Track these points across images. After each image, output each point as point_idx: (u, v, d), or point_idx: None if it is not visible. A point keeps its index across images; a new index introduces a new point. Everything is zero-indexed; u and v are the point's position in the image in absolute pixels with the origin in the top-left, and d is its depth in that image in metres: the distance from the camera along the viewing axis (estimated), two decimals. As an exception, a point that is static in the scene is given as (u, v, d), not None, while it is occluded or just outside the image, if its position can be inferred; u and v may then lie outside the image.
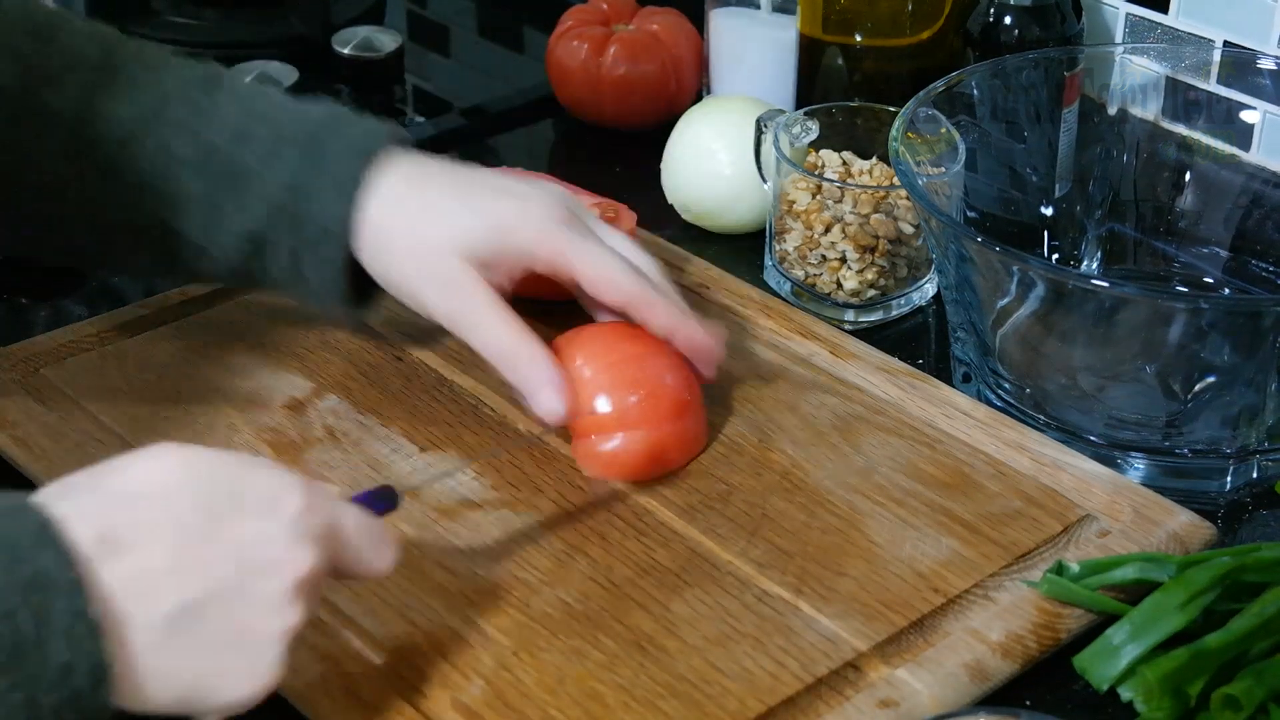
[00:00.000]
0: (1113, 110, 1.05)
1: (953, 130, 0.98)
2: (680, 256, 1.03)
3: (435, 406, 0.91)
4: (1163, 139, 1.05)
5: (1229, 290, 1.03)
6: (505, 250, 0.83)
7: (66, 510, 0.61)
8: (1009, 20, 1.05)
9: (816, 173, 1.03)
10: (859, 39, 1.10)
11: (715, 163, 1.09)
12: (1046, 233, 1.06)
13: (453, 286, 0.83)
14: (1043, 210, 1.06)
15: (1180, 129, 1.05)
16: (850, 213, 0.99)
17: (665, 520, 0.83)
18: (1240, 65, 1.03)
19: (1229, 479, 0.88)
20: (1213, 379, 0.87)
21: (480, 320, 0.83)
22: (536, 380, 0.83)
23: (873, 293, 1.01)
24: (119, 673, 0.60)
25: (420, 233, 0.83)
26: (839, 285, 1.01)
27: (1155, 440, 0.89)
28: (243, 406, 0.90)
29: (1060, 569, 0.78)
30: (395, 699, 0.72)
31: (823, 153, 1.05)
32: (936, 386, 0.92)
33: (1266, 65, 1.01)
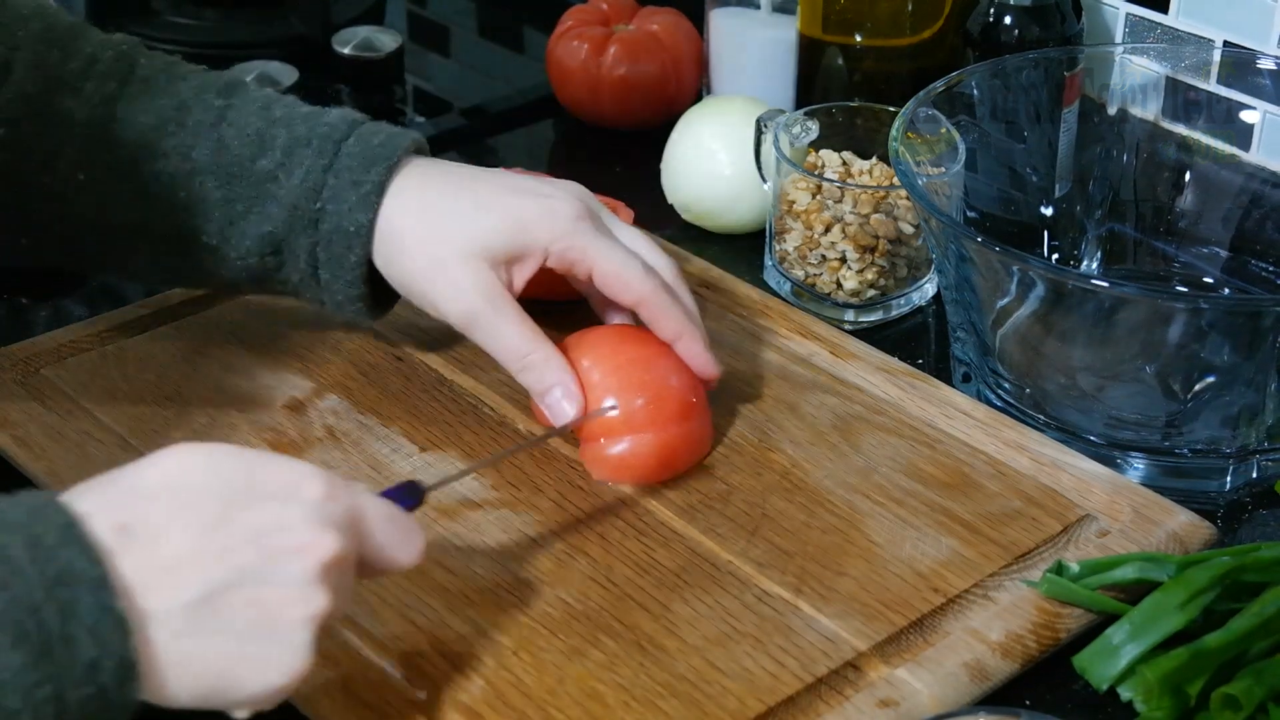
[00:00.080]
0: (1113, 110, 1.05)
1: (953, 130, 0.98)
2: (680, 256, 1.03)
3: (435, 406, 0.91)
4: (1163, 139, 1.05)
5: (1229, 290, 1.03)
6: (524, 247, 0.84)
7: (89, 506, 0.61)
8: (1009, 20, 1.05)
9: (816, 173, 1.03)
10: (859, 39, 1.10)
11: (715, 163, 1.09)
12: (1046, 233, 1.06)
13: (466, 288, 0.83)
14: (1043, 210, 1.06)
15: (1180, 129, 1.05)
16: (850, 213, 0.99)
17: (665, 520, 0.83)
18: (1240, 65, 1.03)
19: (1228, 479, 0.88)
20: (1212, 379, 0.87)
21: (493, 322, 0.83)
22: (548, 383, 0.84)
23: (873, 293, 1.01)
24: (143, 666, 0.60)
25: (436, 235, 0.83)
26: (839, 285, 1.01)
27: (1155, 440, 0.89)
28: (243, 406, 0.90)
29: (1060, 569, 0.78)
30: (395, 699, 0.72)
31: (823, 153, 1.05)
32: (936, 386, 0.93)
33: (1266, 65, 1.01)
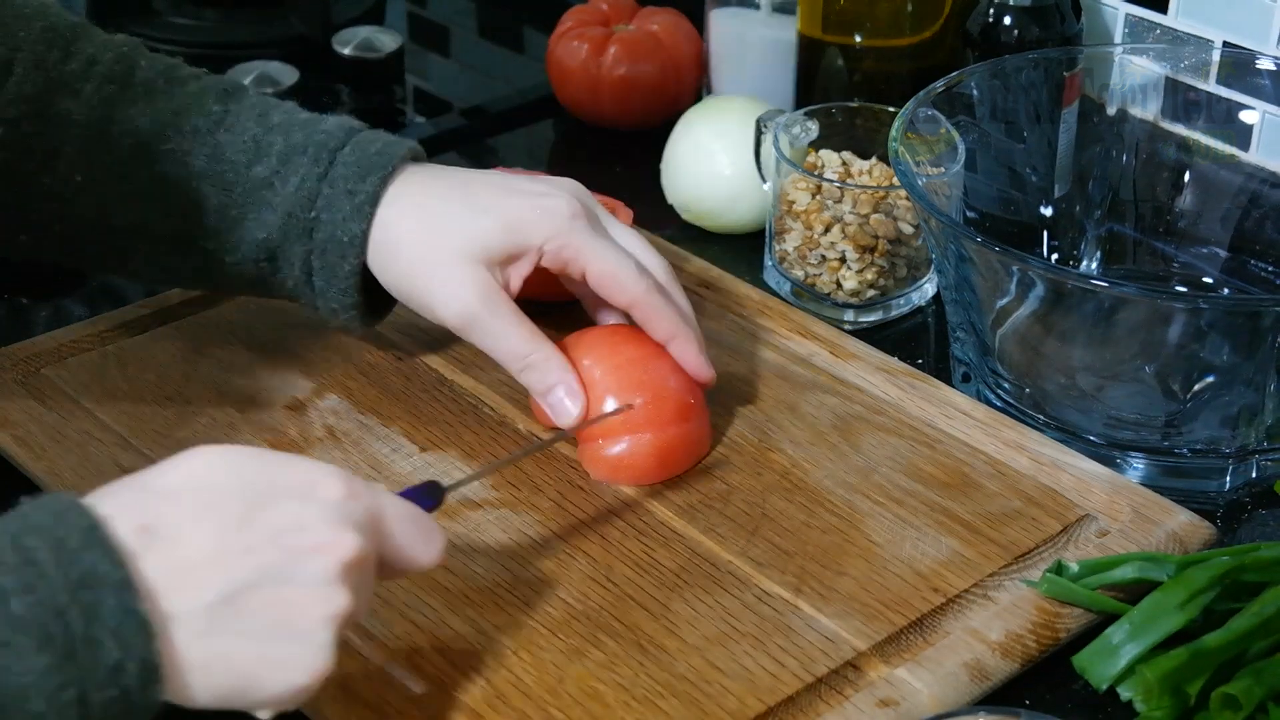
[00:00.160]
0: (1112, 110, 1.05)
1: (952, 130, 0.98)
2: (680, 256, 1.04)
3: (435, 406, 0.91)
4: (1162, 139, 1.05)
5: (1228, 290, 1.03)
6: (519, 247, 0.84)
7: (111, 509, 0.61)
8: (1009, 20, 1.05)
9: (816, 173, 1.03)
10: (859, 39, 1.10)
11: (715, 163, 1.09)
12: (1046, 233, 1.06)
13: (463, 291, 0.83)
14: (1042, 210, 1.06)
15: (1180, 129, 1.05)
16: (850, 213, 0.99)
17: (665, 520, 0.83)
18: (1239, 65, 1.03)
19: (1228, 479, 0.88)
20: (1212, 379, 0.87)
21: (491, 323, 0.83)
22: (551, 382, 0.84)
23: (872, 293, 1.01)
24: (166, 667, 0.60)
25: (431, 241, 0.83)
26: (839, 285, 1.01)
27: (1154, 440, 0.89)
28: (243, 406, 0.90)
29: (1060, 568, 0.78)
30: (395, 699, 0.72)
31: (822, 153, 1.05)
32: (936, 386, 0.93)
33: (1265, 65, 1.02)
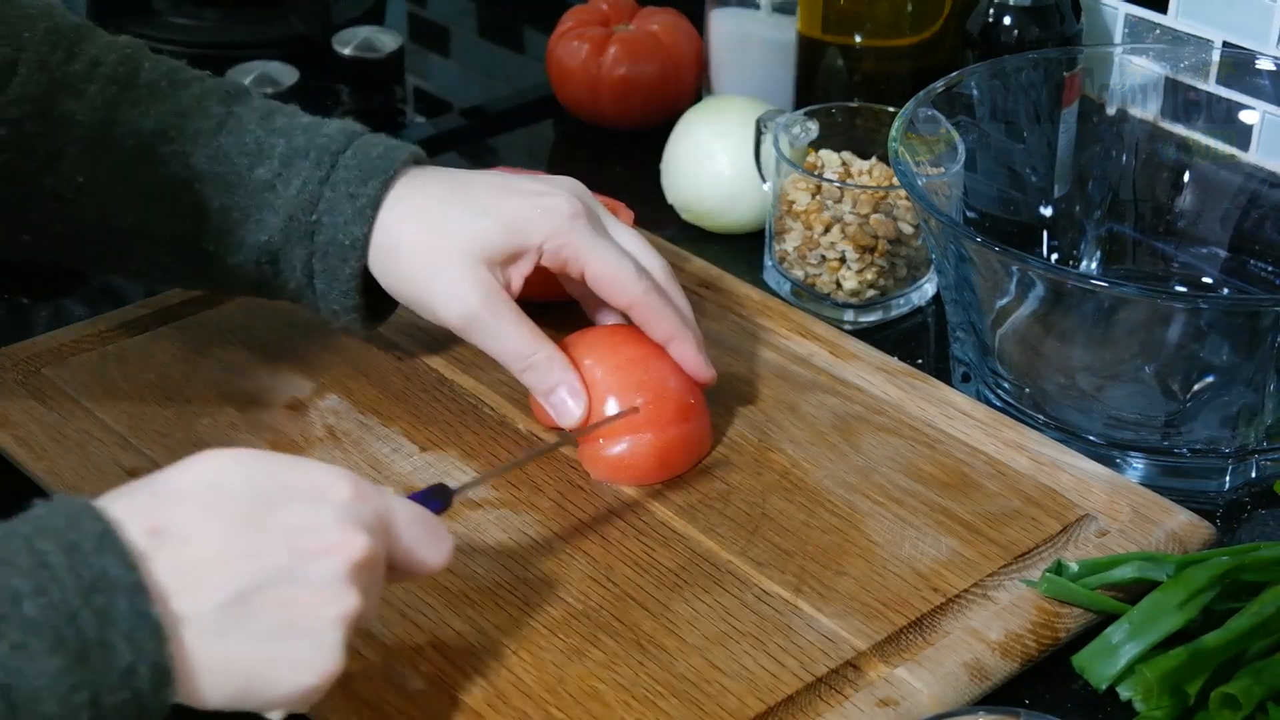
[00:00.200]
0: (1112, 110, 1.05)
1: (952, 130, 0.98)
2: (680, 256, 1.04)
3: (435, 406, 0.91)
4: (1162, 139, 1.05)
5: (1228, 290, 1.03)
6: (519, 246, 0.84)
7: (122, 512, 0.61)
8: (1008, 20, 1.05)
9: (816, 173, 1.03)
10: (859, 39, 1.10)
11: (715, 163, 1.09)
12: (1046, 233, 1.06)
13: (464, 291, 0.83)
14: (1042, 210, 1.06)
15: (1179, 129, 1.05)
16: (850, 213, 1.00)
17: (665, 520, 0.83)
18: (1239, 65, 1.03)
19: (1228, 478, 0.88)
20: (1211, 379, 0.87)
21: (493, 323, 0.83)
22: (553, 382, 0.84)
23: (872, 293, 1.01)
24: (177, 669, 0.60)
25: (432, 242, 0.83)
26: (838, 285, 1.01)
27: (1154, 440, 0.89)
28: (243, 406, 0.90)
29: (1059, 568, 0.78)
30: (395, 698, 0.72)
31: (822, 153, 1.05)
32: (936, 386, 0.93)
33: (1265, 66, 1.02)
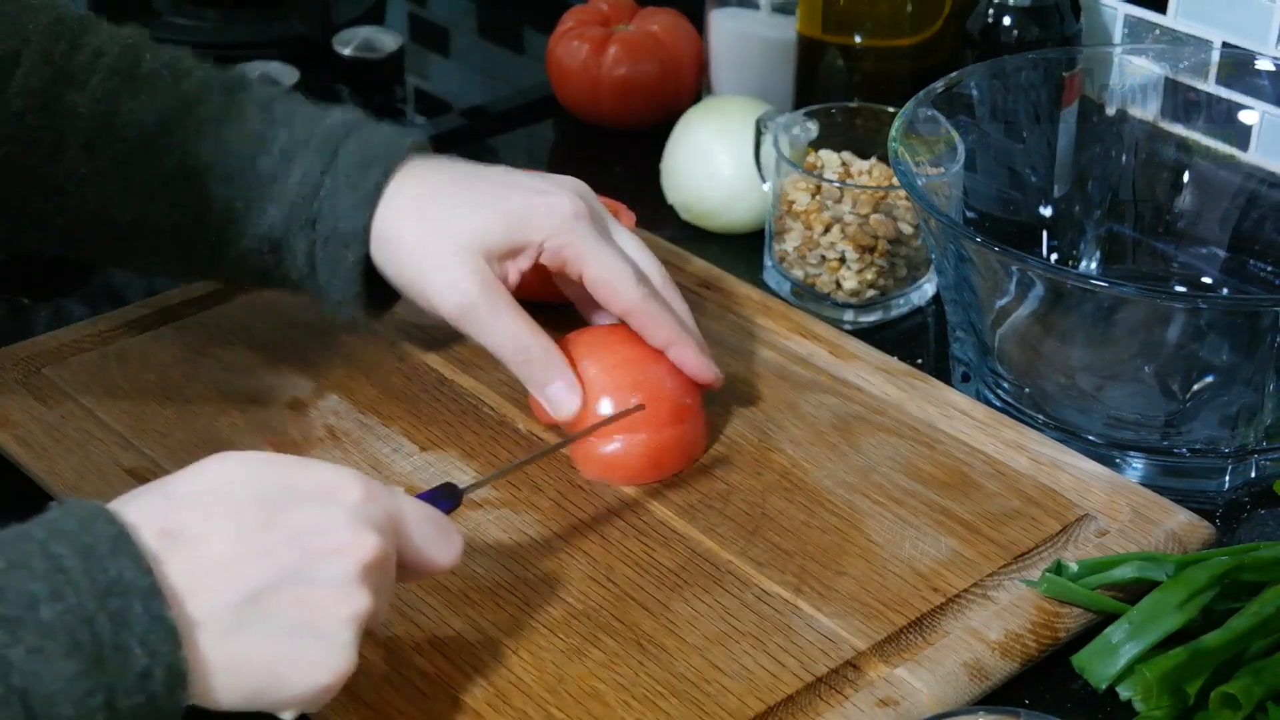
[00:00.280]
0: (1112, 110, 1.05)
1: (952, 130, 0.98)
2: (680, 256, 1.04)
3: (436, 406, 0.91)
4: (1161, 139, 1.05)
5: (1227, 290, 1.03)
6: (520, 242, 0.83)
7: (135, 516, 0.61)
8: (1008, 20, 1.05)
9: (816, 173, 1.03)
10: (859, 39, 1.10)
11: (715, 163, 1.09)
12: (1045, 233, 1.06)
13: (462, 281, 0.83)
14: (1042, 210, 1.06)
15: (1179, 129, 1.05)
16: (850, 213, 1.00)
17: (665, 520, 0.83)
18: (1239, 66, 1.03)
19: (1227, 478, 0.88)
20: (1211, 379, 0.87)
21: (490, 315, 0.83)
22: (550, 376, 0.84)
23: (872, 293, 1.01)
24: (191, 672, 0.61)
25: (433, 232, 0.83)
26: (838, 285, 1.01)
27: (1154, 440, 0.89)
28: (243, 406, 0.90)
29: (1059, 568, 0.78)
30: (395, 699, 0.72)
31: (822, 153, 1.05)
32: (936, 386, 0.93)
33: (1265, 66, 1.02)
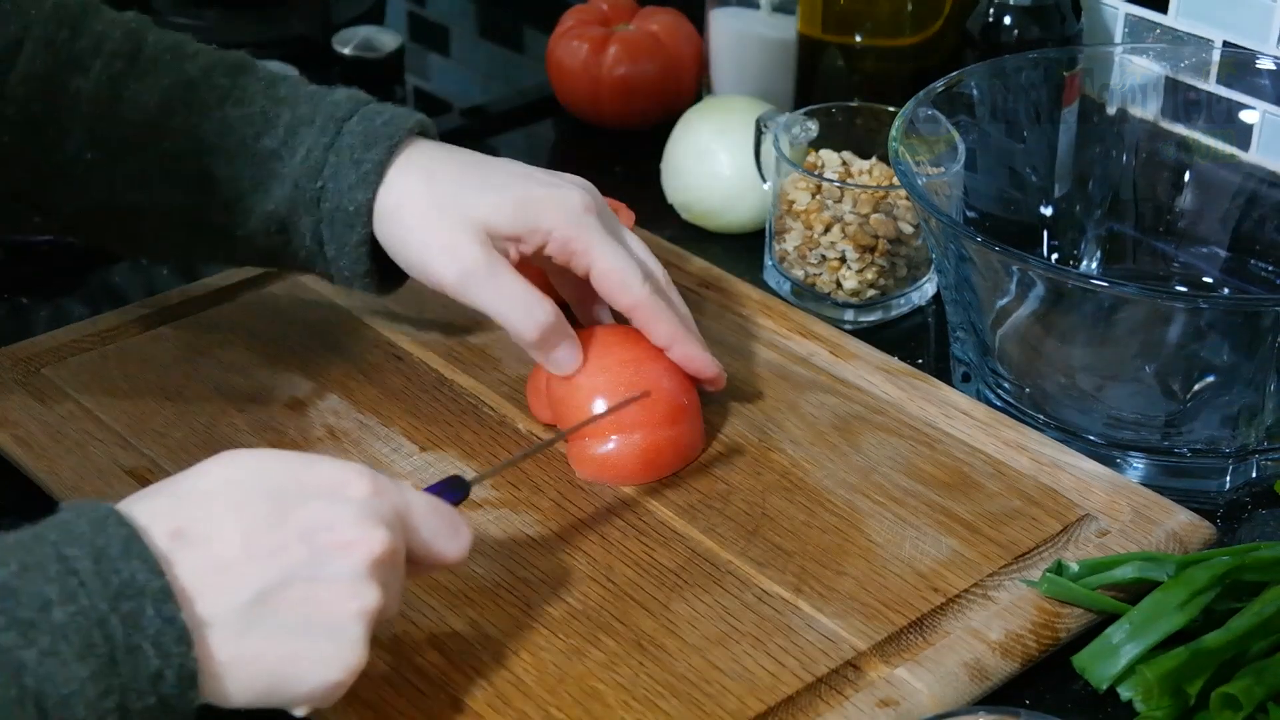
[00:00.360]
0: (1112, 110, 1.05)
1: (952, 130, 0.98)
2: (680, 256, 1.04)
3: (435, 406, 0.91)
4: (1162, 139, 1.05)
5: (1228, 290, 1.03)
6: (528, 228, 0.83)
7: (145, 517, 0.62)
8: (1009, 20, 1.05)
9: (816, 172, 1.03)
10: (859, 39, 1.10)
11: (715, 163, 1.09)
12: (1046, 233, 1.06)
13: (463, 249, 0.83)
14: (1042, 210, 1.06)
15: (1180, 129, 1.05)
16: (850, 212, 0.99)
17: (665, 520, 0.83)
18: (1239, 65, 1.03)
19: (1228, 478, 0.88)
20: (1212, 379, 0.87)
21: (491, 281, 0.83)
22: (557, 338, 0.84)
23: (872, 292, 1.01)
24: (203, 672, 0.61)
25: (438, 207, 0.83)
26: (839, 285, 1.01)
27: (1154, 440, 0.89)
28: (243, 406, 0.90)
29: (1060, 568, 0.78)
30: (395, 699, 0.72)
31: (822, 153, 1.05)
32: (936, 386, 0.93)
33: (1265, 65, 1.02)
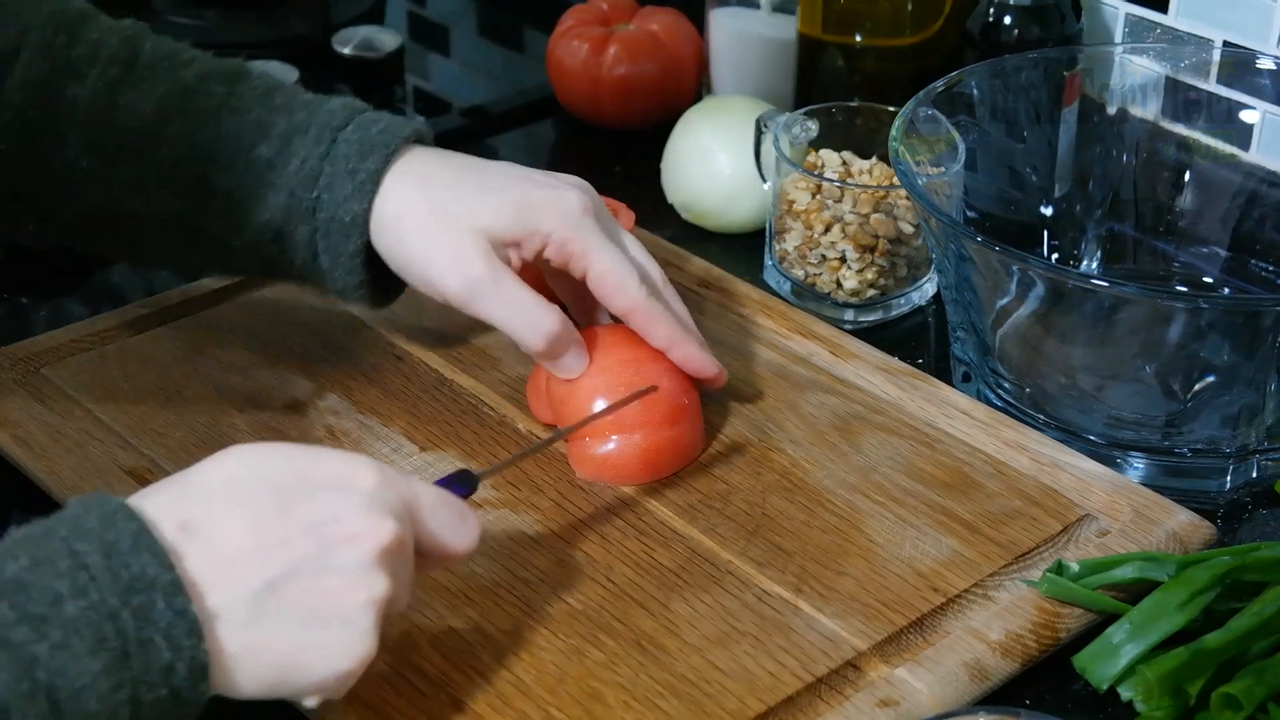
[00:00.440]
0: (1112, 110, 1.05)
1: (953, 130, 0.98)
2: (680, 256, 1.04)
3: (435, 406, 0.91)
4: (1162, 139, 1.05)
5: (1228, 290, 1.03)
6: (527, 231, 0.83)
7: (154, 511, 0.62)
8: (1009, 20, 1.05)
9: (816, 172, 1.03)
10: (859, 39, 1.10)
11: (715, 163, 1.09)
12: (1046, 232, 1.06)
13: (467, 258, 0.82)
14: (1042, 210, 1.06)
15: (1180, 129, 1.05)
16: (850, 212, 0.99)
17: (665, 520, 0.83)
18: (1240, 65, 1.03)
19: (1228, 478, 0.88)
20: (1212, 378, 0.87)
21: (496, 291, 0.83)
22: (564, 343, 0.83)
23: (873, 292, 1.01)
24: (213, 664, 0.61)
25: (437, 215, 0.83)
26: (839, 285, 1.01)
27: (1155, 440, 0.89)
28: (243, 406, 0.90)
29: (1060, 568, 0.78)
30: (395, 699, 0.72)
31: (822, 152, 1.05)
32: (936, 386, 0.93)
33: (1266, 65, 1.02)
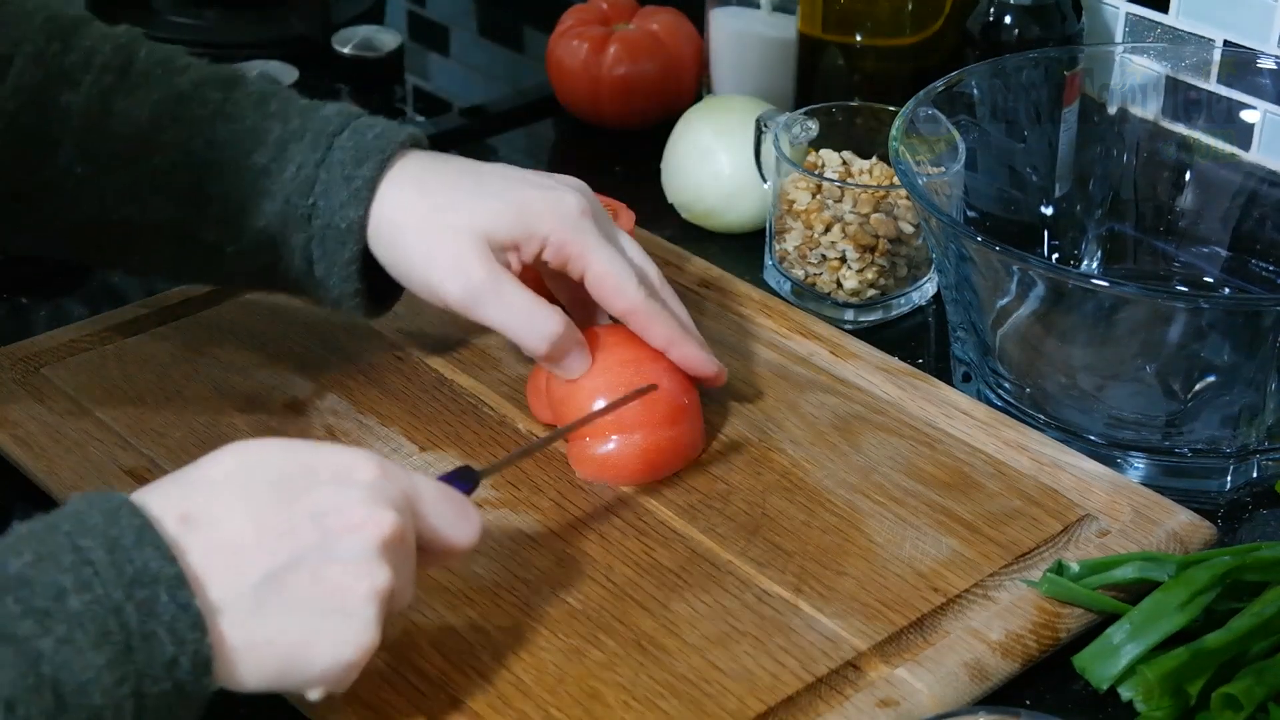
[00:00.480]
0: (1113, 110, 1.05)
1: (953, 130, 0.98)
2: (680, 256, 1.03)
3: (435, 406, 0.91)
4: (1163, 138, 1.05)
5: (1229, 289, 1.03)
6: (526, 234, 0.83)
7: (156, 505, 0.62)
8: (1009, 20, 1.05)
9: (816, 172, 1.03)
10: (859, 39, 1.10)
11: (715, 163, 1.09)
12: (1046, 232, 1.06)
13: (467, 263, 0.82)
14: (1043, 210, 1.06)
15: (1180, 128, 1.05)
16: (850, 212, 0.99)
17: (665, 520, 0.83)
18: (1240, 65, 1.03)
19: (1229, 478, 0.88)
20: (1213, 378, 0.87)
21: (497, 295, 0.83)
22: (558, 346, 0.83)
23: (873, 292, 1.01)
24: (217, 658, 0.61)
25: (436, 220, 0.83)
26: (839, 285, 1.01)
27: (1155, 440, 0.89)
28: (243, 406, 0.90)
29: (1060, 568, 0.78)
30: (395, 699, 0.72)
31: (823, 152, 1.05)
32: (936, 386, 0.92)
33: (1266, 65, 1.01)
